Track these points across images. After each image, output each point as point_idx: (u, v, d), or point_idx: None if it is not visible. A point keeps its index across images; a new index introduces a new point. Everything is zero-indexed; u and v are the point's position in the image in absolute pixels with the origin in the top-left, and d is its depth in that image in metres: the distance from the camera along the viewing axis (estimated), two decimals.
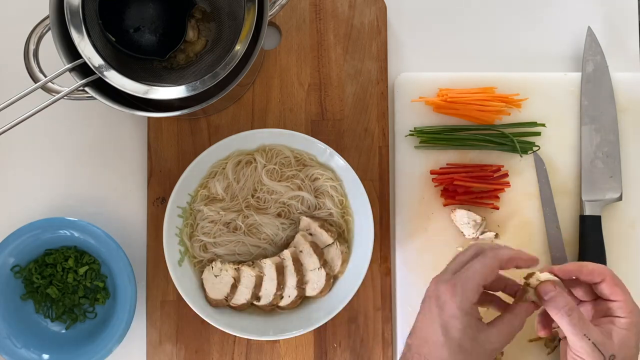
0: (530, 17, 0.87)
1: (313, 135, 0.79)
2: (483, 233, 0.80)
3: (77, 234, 0.79)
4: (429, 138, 0.82)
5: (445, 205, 0.82)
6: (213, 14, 0.75)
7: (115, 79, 0.68)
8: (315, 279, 0.77)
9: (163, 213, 0.77)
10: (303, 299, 0.79)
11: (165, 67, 0.74)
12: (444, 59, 0.86)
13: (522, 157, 0.82)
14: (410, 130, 0.82)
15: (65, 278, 0.81)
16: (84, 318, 0.82)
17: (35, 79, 0.68)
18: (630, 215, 0.82)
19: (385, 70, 0.84)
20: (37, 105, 0.66)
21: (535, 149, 0.82)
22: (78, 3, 0.67)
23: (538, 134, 0.82)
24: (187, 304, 0.76)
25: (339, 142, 0.83)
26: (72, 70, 0.68)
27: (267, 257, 0.78)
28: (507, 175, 0.81)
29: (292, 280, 0.77)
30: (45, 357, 0.79)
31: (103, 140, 0.85)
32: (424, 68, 0.86)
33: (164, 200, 0.82)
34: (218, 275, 0.77)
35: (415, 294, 0.81)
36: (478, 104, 0.81)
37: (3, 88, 0.82)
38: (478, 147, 0.82)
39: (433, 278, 0.66)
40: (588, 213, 0.80)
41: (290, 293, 0.77)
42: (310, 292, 0.78)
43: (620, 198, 0.81)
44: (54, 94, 0.68)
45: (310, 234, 0.78)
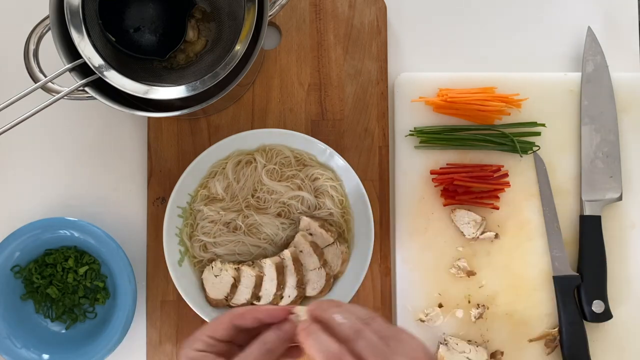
0: (530, 17, 0.87)
1: (313, 135, 0.79)
2: (483, 233, 0.80)
3: (77, 234, 0.79)
4: (429, 138, 0.82)
5: (445, 205, 0.82)
6: (213, 14, 0.75)
7: (115, 79, 0.68)
8: (315, 279, 0.77)
9: (163, 213, 0.77)
10: (303, 299, 0.79)
11: (165, 67, 0.74)
12: (444, 59, 0.86)
13: (522, 157, 0.82)
14: (410, 130, 0.82)
15: (65, 278, 0.81)
16: (84, 318, 0.82)
17: (35, 79, 0.68)
18: (630, 215, 0.82)
19: (385, 70, 0.84)
20: (37, 105, 0.66)
21: (535, 149, 0.82)
22: (78, 3, 0.67)
23: (538, 134, 0.82)
24: (187, 304, 0.76)
25: (339, 142, 0.83)
26: (72, 70, 0.68)
27: (267, 257, 0.78)
28: (507, 175, 0.81)
29: (292, 280, 0.77)
30: (45, 357, 0.79)
31: (103, 140, 0.85)
32: (424, 68, 0.86)
33: (164, 200, 0.82)
34: (218, 275, 0.77)
35: (416, 294, 0.81)
36: (478, 104, 0.81)
37: (3, 88, 0.82)
38: (478, 147, 0.82)
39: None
40: (588, 213, 0.80)
41: (290, 293, 0.77)
42: (310, 292, 0.78)
43: (620, 198, 0.81)
44: (54, 94, 0.68)
45: (311, 234, 0.78)
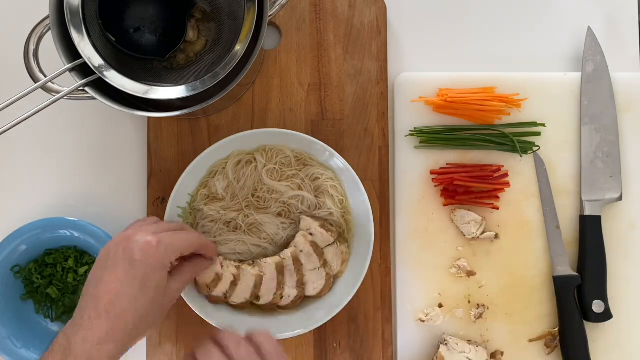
0: (530, 17, 0.87)
1: (313, 135, 0.79)
2: (483, 233, 0.80)
3: (77, 234, 0.79)
4: (429, 138, 0.82)
5: (445, 205, 0.82)
6: (213, 14, 0.75)
7: (115, 79, 0.68)
8: (315, 279, 0.77)
9: (163, 213, 0.77)
10: (303, 299, 0.79)
11: (165, 67, 0.74)
12: (444, 59, 0.86)
13: (522, 157, 0.82)
14: (410, 130, 0.82)
15: (65, 278, 0.81)
16: None
17: (35, 79, 0.68)
18: (630, 215, 0.82)
19: (385, 70, 0.84)
20: (37, 105, 0.66)
21: (535, 149, 0.82)
22: (78, 3, 0.67)
23: (538, 134, 0.82)
24: (187, 304, 0.76)
25: (339, 142, 0.83)
26: (72, 70, 0.68)
27: (267, 256, 0.78)
28: (507, 175, 0.81)
29: (292, 280, 0.77)
30: None
31: (103, 140, 0.85)
32: (424, 68, 0.86)
33: (164, 200, 0.82)
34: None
35: (416, 294, 0.81)
36: (478, 104, 0.81)
37: (3, 88, 0.82)
38: (478, 147, 0.82)
39: (124, 232, 0.66)
40: (588, 213, 0.80)
41: (290, 293, 0.77)
42: (310, 292, 0.78)
43: (620, 198, 0.81)
44: (54, 94, 0.68)
45: (311, 234, 0.78)
